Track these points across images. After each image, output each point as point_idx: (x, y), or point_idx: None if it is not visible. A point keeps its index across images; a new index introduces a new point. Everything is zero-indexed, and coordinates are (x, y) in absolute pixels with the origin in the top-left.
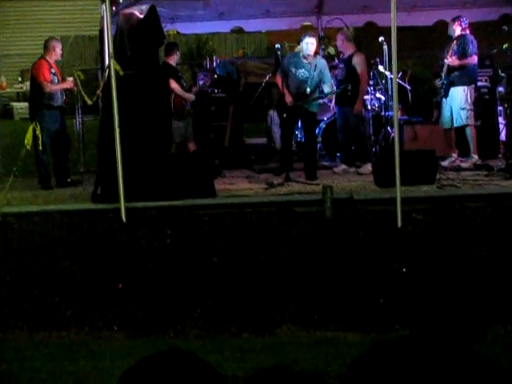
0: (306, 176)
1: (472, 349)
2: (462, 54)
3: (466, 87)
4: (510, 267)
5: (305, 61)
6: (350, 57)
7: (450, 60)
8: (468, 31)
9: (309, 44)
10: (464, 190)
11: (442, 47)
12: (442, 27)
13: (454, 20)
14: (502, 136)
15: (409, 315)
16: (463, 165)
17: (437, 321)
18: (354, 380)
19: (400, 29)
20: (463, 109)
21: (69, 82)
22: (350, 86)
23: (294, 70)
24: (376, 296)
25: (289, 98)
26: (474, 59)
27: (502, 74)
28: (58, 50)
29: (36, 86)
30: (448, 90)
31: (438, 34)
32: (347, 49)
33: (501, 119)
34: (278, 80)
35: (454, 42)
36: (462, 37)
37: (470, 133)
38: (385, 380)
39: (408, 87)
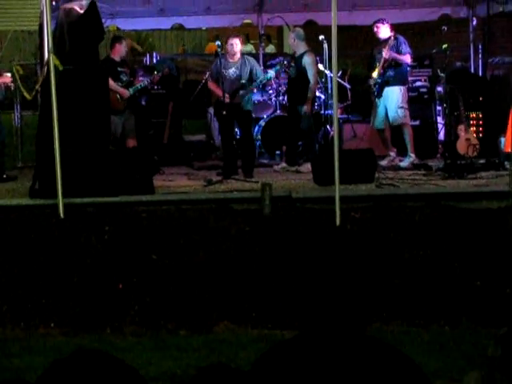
0: (243, 173)
1: (370, 336)
2: (397, 52)
3: (401, 87)
4: (448, 265)
5: (231, 61)
6: (301, 56)
7: (388, 54)
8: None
9: (233, 45)
10: (402, 189)
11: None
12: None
13: (377, 23)
14: (441, 136)
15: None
16: (402, 164)
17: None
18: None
19: (340, 28)
20: (401, 107)
21: (6, 77)
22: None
23: (224, 71)
24: (313, 294)
25: (226, 98)
26: (409, 58)
27: (441, 74)
28: None
29: None
30: (382, 90)
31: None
32: (298, 48)
33: (440, 119)
34: (211, 86)
35: (391, 38)
36: (395, 37)
37: (407, 132)
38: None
39: (347, 86)
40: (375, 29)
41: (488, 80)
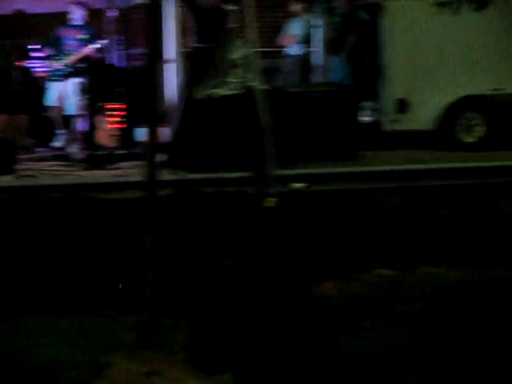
0: None
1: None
2: None
3: None
4: (86, 256)
5: None
6: None
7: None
8: None
9: None
10: (43, 180)
11: (21, 37)
12: (21, 17)
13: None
14: (82, 126)
15: None
16: (42, 154)
17: None
18: None
19: None
20: None
21: None
22: None
23: None
24: None
25: None
26: None
27: (81, 65)
28: None
29: None
30: None
31: (17, 24)
32: None
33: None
34: None
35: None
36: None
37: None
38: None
39: None
40: None
41: (129, 71)
